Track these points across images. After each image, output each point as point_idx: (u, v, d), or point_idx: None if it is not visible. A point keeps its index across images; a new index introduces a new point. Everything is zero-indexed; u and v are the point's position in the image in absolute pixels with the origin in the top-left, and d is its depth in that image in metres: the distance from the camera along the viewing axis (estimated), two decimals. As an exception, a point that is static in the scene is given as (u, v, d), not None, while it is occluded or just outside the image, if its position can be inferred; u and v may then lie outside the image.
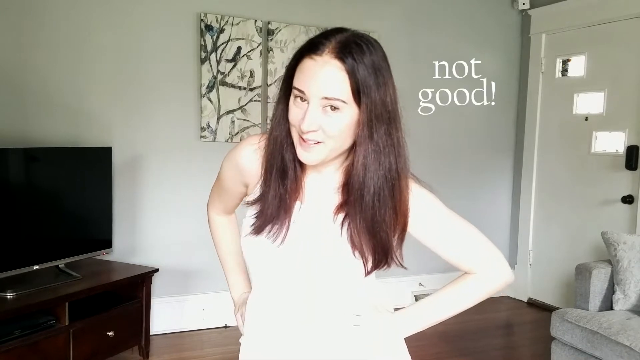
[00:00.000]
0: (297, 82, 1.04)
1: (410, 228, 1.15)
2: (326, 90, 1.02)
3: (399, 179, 1.11)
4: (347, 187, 1.10)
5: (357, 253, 1.10)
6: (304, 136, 1.04)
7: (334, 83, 1.02)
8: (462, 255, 1.21)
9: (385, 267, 1.14)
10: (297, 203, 1.13)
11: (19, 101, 3.15)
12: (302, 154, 1.06)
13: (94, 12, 3.30)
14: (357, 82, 1.02)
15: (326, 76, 1.02)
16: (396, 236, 1.14)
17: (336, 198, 1.13)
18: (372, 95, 1.04)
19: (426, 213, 1.16)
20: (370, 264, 1.12)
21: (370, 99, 1.04)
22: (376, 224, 1.09)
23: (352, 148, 1.09)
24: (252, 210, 1.15)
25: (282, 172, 1.11)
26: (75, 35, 3.27)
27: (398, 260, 1.15)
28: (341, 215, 1.11)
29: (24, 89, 3.16)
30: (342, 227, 1.11)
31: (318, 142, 1.04)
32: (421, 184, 1.17)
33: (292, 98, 1.06)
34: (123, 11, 3.38)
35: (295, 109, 1.05)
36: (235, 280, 1.40)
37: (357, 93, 1.03)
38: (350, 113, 1.04)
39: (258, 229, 1.12)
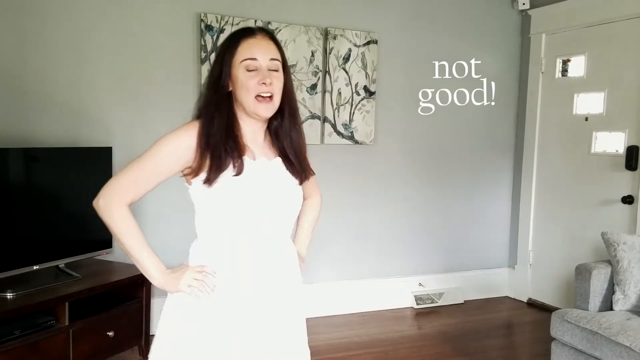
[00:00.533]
0: (245, 55, 1.44)
1: None
2: (270, 52, 1.46)
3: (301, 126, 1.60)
4: (277, 138, 1.55)
5: (295, 175, 1.56)
6: (262, 93, 1.43)
7: (274, 49, 1.48)
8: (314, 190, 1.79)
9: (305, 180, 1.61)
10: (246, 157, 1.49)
11: (19, 101, 3.15)
12: (262, 109, 1.45)
13: (94, 12, 3.31)
14: (282, 55, 1.49)
15: (268, 44, 1.47)
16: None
17: (272, 150, 1.55)
18: (287, 67, 1.51)
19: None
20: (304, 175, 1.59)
21: (287, 69, 1.51)
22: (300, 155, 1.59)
23: (272, 121, 1.53)
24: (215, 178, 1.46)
25: (234, 140, 1.46)
26: (76, 36, 3.27)
27: (312, 170, 1.64)
28: (281, 161, 1.54)
29: (24, 89, 3.17)
30: (289, 167, 1.55)
31: (271, 97, 1.44)
32: None
33: (242, 74, 1.43)
34: (123, 11, 3.38)
35: (249, 79, 1.43)
36: (156, 258, 1.52)
37: (284, 63, 1.49)
38: (282, 77, 1.48)
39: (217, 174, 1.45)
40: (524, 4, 4.41)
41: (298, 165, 1.55)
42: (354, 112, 4.02)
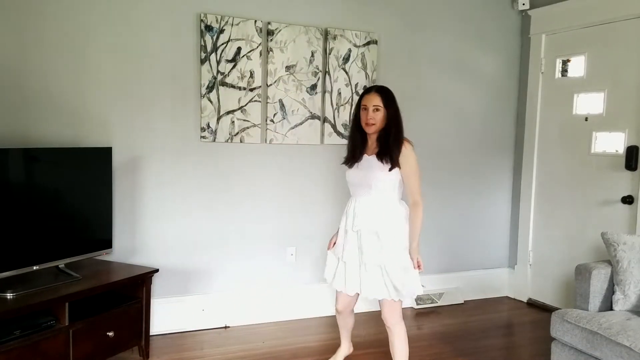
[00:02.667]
0: (363, 103, 2.72)
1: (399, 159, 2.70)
2: (375, 102, 2.70)
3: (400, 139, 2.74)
4: (381, 143, 2.72)
5: (384, 164, 2.71)
6: (369, 122, 2.69)
7: (377, 99, 2.70)
8: (411, 189, 2.73)
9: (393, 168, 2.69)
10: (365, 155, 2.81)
11: (19, 101, 3.15)
12: (368, 129, 2.71)
13: (94, 12, 3.31)
14: (383, 101, 2.70)
15: (374, 97, 2.70)
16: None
17: (376, 151, 2.73)
18: (389, 107, 2.70)
19: (406, 156, 2.70)
20: (390, 166, 2.70)
21: (390, 108, 2.71)
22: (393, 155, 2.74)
23: (379, 135, 2.74)
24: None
25: (359, 145, 2.81)
26: (76, 36, 3.27)
27: (397, 163, 2.69)
28: (375, 157, 2.73)
29: (24, 89, 3.16)
30: (379, 160, 2.70)
31: (373, 124, 2.69)
32: (410, 145, 2.71)
33: (361, 112, 2.73)
34: (123, 12, 3.38)
35: (363, 116, 2.72)
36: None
37: (385, 105, 2.69)
38: (383, 113, 2.69)
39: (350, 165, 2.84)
40: (523, 4, 4.42)
41: (388, 159, 2.65)
42: (354, 112, 4.02)
